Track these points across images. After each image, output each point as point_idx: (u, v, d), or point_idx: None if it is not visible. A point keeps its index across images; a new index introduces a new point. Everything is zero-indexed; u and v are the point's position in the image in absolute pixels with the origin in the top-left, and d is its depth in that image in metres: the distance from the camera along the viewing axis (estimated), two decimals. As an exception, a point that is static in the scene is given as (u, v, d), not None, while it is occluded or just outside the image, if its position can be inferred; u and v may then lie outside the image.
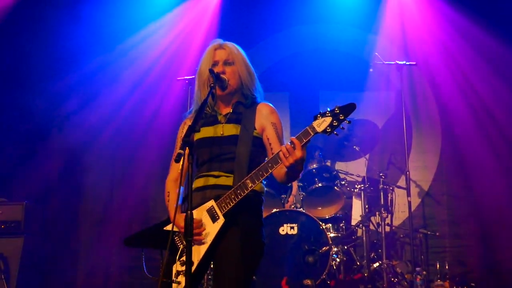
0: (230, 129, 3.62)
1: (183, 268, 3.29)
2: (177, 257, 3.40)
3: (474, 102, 8.14)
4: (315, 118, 3.29)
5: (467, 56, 8.20)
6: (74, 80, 8.34)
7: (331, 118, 3.25)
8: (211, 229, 3.38)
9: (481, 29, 8.06)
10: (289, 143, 3.25)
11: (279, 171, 3.44)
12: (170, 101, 8.27)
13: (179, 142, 3.76)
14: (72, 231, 8.20)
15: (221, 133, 3.61)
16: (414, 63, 7.59)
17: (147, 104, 8.56)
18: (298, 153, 3.22)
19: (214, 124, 3.67)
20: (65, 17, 8.16)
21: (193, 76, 7.16)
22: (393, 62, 7.46)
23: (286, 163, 3.24)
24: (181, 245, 3.45)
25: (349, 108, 3.26)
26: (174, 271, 3.37)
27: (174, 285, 3.33)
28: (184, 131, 3.69)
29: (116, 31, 8.36)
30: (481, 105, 8.09)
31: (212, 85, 3.50)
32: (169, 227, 3.52)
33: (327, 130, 3.24)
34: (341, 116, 3.24)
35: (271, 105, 3.75)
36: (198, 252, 3.36)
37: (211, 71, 3.53)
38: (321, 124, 3.26)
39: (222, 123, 3.66)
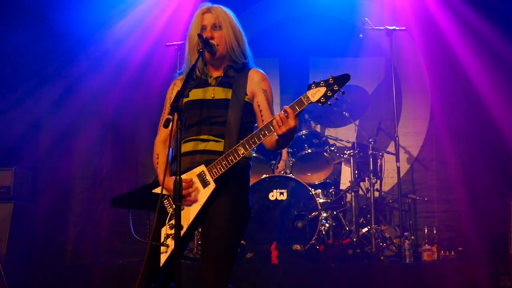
0: (221, 93, 3.59)
1: (172, 231, 3.29)
2: (166, 220, 3.39)
3: (465, 68, 8.11)
4: (309, 88, 3.28)
5: (457, 22, 8.14)
6: (64, 46, 8.29)
7: (325, 88, 3.25)
8: (202, 194, 3.39)
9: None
10: (282, 112, 3.25)
11: (270, 138, 3.44)
12: (160, 66, 8.20)
13: (167, 104, 3.74)
14: (61, 197, 8.19)
15: (212, 96, 3.59)
16: (404, 28, 7.56)
17: (138, 70, 8.48)
18: (291, 122, 3.23)
19: (205, 86, 3.64)
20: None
21: (182, 42, 7.18)
22: (382, 28, 7.44)
23: (278, 132, 3.25)
24: (170, 209, 3.45)
25: (343, 79, 3.25)
26: (163, 234, 3.37)
27: (162, 248, 3.34)
28: (174, 92, 3.66)
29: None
30: (471, 70, 8.05)
31: (201, 50, 3.46)
32: (158, 190, 3.52)
33: (321, 101, 3.25)
34: (336, 87, 3.23)
35: (262, 71, 3.73)
36: (188, 216, 3.37)
37: (199, 36, 3.49)
38: (315, 94, 3.26)
39: (213, 85, 3.63)
